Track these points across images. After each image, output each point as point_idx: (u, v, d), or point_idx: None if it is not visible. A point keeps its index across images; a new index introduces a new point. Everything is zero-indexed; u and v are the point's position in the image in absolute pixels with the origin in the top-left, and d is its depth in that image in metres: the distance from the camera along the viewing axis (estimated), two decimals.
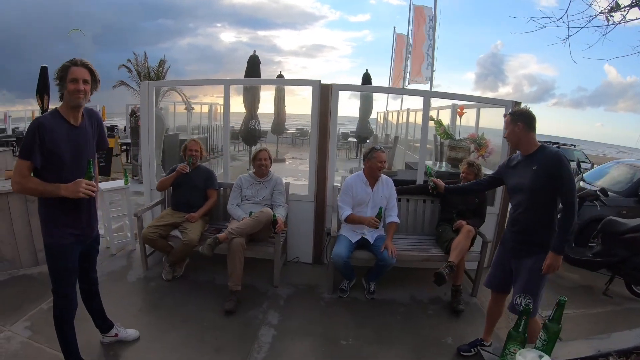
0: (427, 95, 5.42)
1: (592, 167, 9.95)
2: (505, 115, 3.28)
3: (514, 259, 3.19)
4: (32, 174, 2.59)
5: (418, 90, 10.63)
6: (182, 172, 4.79)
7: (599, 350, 1.69)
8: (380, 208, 4.41)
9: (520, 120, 3.06)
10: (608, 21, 4.11)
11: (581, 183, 5.82)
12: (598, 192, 5.93)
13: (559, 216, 3.04)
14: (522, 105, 4.54)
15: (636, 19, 4.00)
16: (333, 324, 4.04)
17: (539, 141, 3.18)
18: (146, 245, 4.77)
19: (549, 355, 1.64)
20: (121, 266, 5.05)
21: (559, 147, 16.02)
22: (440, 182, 4.11)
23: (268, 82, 7.96)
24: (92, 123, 2.87)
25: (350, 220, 4.47)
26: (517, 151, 3.25)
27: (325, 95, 4.98)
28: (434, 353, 3.70)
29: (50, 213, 2.72)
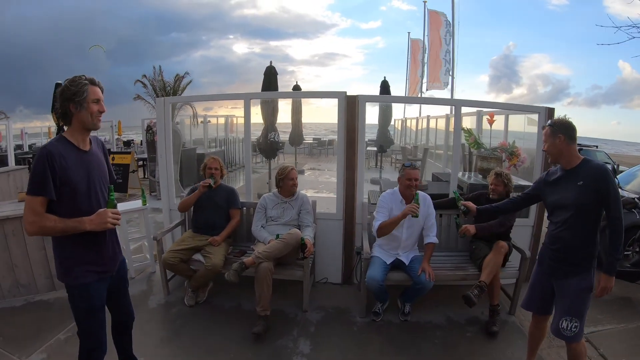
0: (458, 104, 5.17)
1: (617, 167, 9.66)
2: (543, 127, 3.04)
3: (554, 280, 3.00)
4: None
5: (448, 99, 10.39)
6: (204, 187, 4.49)
7: None
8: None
9: (561, 131, 2.87)
10: None
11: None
12: (637, 200, 5.70)
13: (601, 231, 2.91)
14: (559, 115, 4.05)
15: None
16: (368, 353, 3.80)
17: (578, 145, 3.01)
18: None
19: None
20: (141, 290, 4.85)
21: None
22: (472, 205, 3.80)
23: (290, 95, 7.73)
24: (99, 149, 2.65)
25: (384, 228, 4.13)
26: (557, 165, 3.05)
27: (351, 108, 4.78)
28: None
29: (70, 251, 2.45)
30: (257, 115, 10.18)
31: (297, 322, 4.24)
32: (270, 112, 8.56)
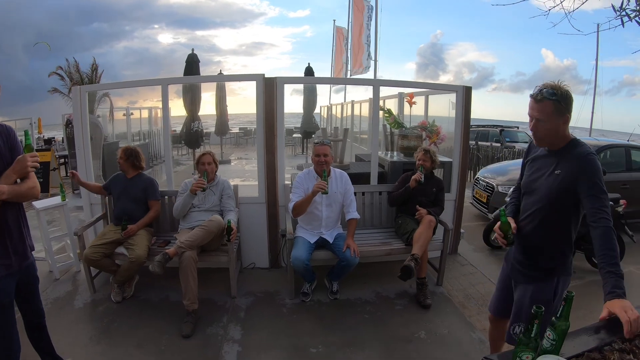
0: (377, 84, 5.27)
1: None
2: (538, 99, 2.18)
3: (515, 282, 2.58)
4: None
5: (367, 79, 10.52)
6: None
7: (603, 339, 1.59)
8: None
9: (568, 109, 2.18)
10: None
11: None
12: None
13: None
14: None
15: None
16: (299, 332, 3.84)
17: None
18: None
19: (558, 354, 1.49)
20: (66, 291, 4.62)
21: (502, 130, 16.41)
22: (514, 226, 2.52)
23: (209, 79, 7.58)
24: (2, 139, 2.43)
25: (297, 208, 4.19)
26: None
27: (270, 90, 4.76)
28: (408, 350, 3.61)
29: None
30: (182, 108, 10.00)
31: (226, 309, 4.21)
32: (192, 100, 8.40)
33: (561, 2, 3.90)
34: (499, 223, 2.41)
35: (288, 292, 4.48)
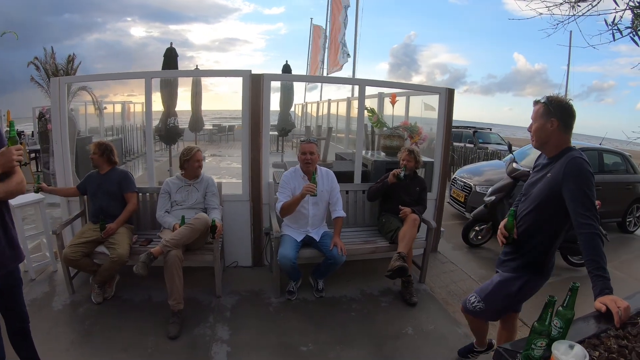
0: (363, 84, 5.28)
1: (511, 146, 10.35)
2: (536, 103, 2.48)
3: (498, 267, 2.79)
4: None
5: (353, 79, 10.57)
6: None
7: (600, 327, 1.74)
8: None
9: (556, 115, 2.35)
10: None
11: (514, 164, 5.92)
12: (530, 172, 6.09)
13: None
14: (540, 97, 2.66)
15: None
16: (288, 331, 3.81)
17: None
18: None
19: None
20: (43, 292, 4.44)
21: (475, 131, 16.68)
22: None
23: (192, 73, 7.47)
24: None
25: (286, 209, 4.16)
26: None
27: (256, 87, 4.71)
28: (397, 346, 3.65)
29: None
30: (155, 103, 9.82)
31: (211, 309, 4.14)
32: (170, 95, 8.26)
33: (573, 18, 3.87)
34: (505, 220, 2.65)
35: (273, 291, 4.45)
